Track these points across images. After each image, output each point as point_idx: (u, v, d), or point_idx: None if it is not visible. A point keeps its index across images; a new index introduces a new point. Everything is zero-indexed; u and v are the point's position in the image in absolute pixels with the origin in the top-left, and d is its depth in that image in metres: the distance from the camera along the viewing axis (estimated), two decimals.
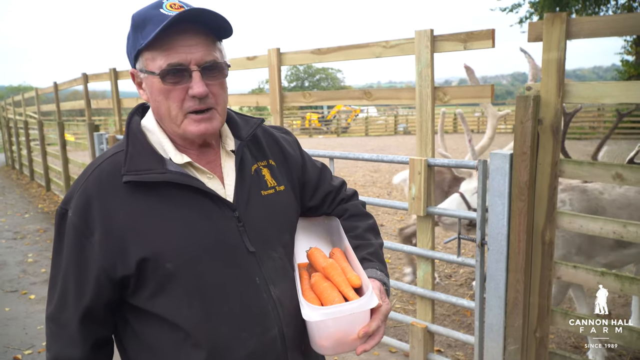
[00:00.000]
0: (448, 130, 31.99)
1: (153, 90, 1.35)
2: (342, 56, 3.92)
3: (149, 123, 1.44)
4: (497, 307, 3.14)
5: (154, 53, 1.30)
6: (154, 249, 1.30)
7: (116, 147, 1.41)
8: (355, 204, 1.75)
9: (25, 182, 15.28)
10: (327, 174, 1.75)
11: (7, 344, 4.70)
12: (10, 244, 8.18)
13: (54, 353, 1.39)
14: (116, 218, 1.30)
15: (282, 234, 1.51)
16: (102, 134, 7.36)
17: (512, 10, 19.70)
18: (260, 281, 1.40)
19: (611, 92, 2.69)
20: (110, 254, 1.30)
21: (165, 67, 1.29)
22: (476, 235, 3.19)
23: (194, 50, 1.30)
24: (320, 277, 1.46)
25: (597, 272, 2.89)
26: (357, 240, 1.63)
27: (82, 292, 1.33)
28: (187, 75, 1.31)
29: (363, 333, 1.32)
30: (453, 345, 4.46)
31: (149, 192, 1.32)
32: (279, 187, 1.54)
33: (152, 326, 1.36)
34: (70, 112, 32.85)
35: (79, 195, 1.33)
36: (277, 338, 1.40)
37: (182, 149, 1.41)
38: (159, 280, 1.31)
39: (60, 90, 11.31)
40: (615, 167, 2.73)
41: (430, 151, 3.45)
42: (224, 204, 1.39)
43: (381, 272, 1.54)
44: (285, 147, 1.64)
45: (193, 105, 1.33)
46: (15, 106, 18.39)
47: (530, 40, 2.90)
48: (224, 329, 1.35)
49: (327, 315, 1.30)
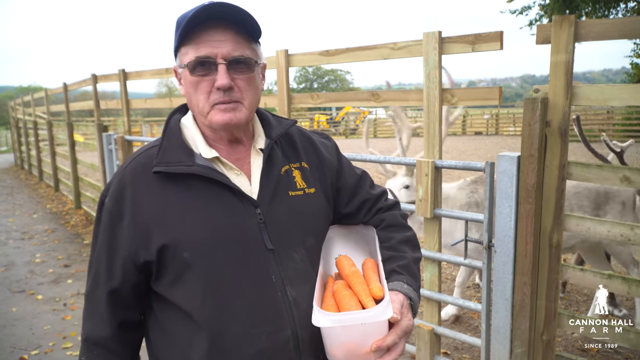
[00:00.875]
0: (457, 132, 31.93)
1: (186, 83, 1.42)
2: (350, 58, 3.92)
3: (187, 120, 1.51)
4: (504, 310, 3.13)
5: (187, 48, 1.38)
6: (173, 237, 1.35)
7: (153, 142, 1.50)
8: (394, 214, 1.71)
9: (34, 182, 15.38)
10: (366, 182, 1.73)
11: (13, 344, 4.73)
12: (18, 244, 8.23)
13: (87, 330, 1.48)
14: (144, 206, 1.37)
15: (306, 236, 1.51)
16: (111, 135, 7.40)
17: (522, 12, 19.61)
18: (277, 280, 1.40)
19: (619, 95, 2.68)
20: (136, 239, 1.37)
21: (194, 59, 1.36)
22: (483, 238, 3.18)
23: (222, 45, 1.35)
24: (342, 284, 1.43)
25: (604, 275, 2.88)
26: (389, 251, 1.59)
27: (111, 273, 1.41)
28: (214, 68, 1.36)
29: (375, 347, 1.27)
30: (460, 347, 4.44)
31: (176, 184, 1.39)
32: (308, 190, 1.55)
33: (170, 314, 1.42)
34: (79, 113, 33.00)
35: (115, 183, 1.42)
36: (290, 340, 1.39)
37: (213, 144, 1.47)
38: (177, 269, 1.36)
39: (70, 91, 11.38)
40: (623, 169, 2.72)
41: (437, 153, 3.44)
42: (247, 200, 1.41)
43: (408, 286, 1.47)
44: (321, 151, 1.65)
45: (218, 97, 1.37)
46: (24, 106, 18.51)
47: (539, 43, 2.89)
48: (234, 323, 1.36)
49: (336, 322, 1.25)
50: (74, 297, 5.85)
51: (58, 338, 4.81)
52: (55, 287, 6.23)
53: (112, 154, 7.40)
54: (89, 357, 1.48)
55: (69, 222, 9.66)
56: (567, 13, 16.30)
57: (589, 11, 17.04)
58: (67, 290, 6.07)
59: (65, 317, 5.28)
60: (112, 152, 7.37)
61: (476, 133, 31.76)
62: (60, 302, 5.71)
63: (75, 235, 8.73)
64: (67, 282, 6.38)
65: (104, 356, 1.46)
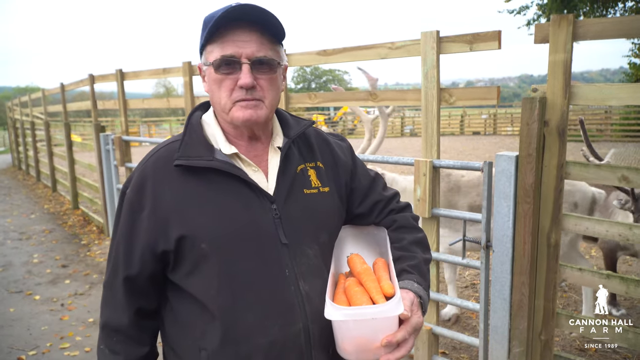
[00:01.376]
0: (454, 132, 31.96)
1: (210, 80, 1.47)
2: (347, 57, 3.91)
3: (208, 117, 1.57)
4: (502, 310, 3.12)
5: (213, 46, 1.43)
6: (192, 228, 1.40)
7: (175, 137, 1.55)
8: (405, 216, 1.74)
9: (31, 182, 15.35)
10: (379, 184, 1.77)
11: (11, 344, 4.71)
12: (15, 244, 8.21)
13: (106, 317, 1.53)
14: (164, 197, 1.42)
15: (319, 233, 1.55)
16: (109, 135, 7.38)
17: (520, 12, 19.60)
18: (290, 274, 1.44)
19: (618, 94, 2.68)
20: (155, 229, 1.42)
21: (219, 58, 1.41)
22: (481, 238, 3.17)
23: (246, 45, 1.40)
24: (354, 281, 1.46)
25: (603, 275, 2.87)
26: (400, 251, 1.62)
27: (129, 262, 1.46)
28: (238, 67, 1.41)
29: (386, 342, 1.29)
30: (458, 347, 4.44)
31: (196, 177, 1.44)
32: (322, 188, 1.59)
33: (186, 304, 1.46)
34: (77, 113, 32.95)
35: (137, 175, 1.48)
36: (301, 333, 1.42)
37: (233, 140, 1.52)
38: (194, 260, 1.41)
39: (67, 91, 11.37)
40: (621, 169, 2.71)
41: (435, 152, 3.43)
42: (264, 195, 1.46)
43: (418, 285, 1.50)
44: (336, 152, 1.70)
45: (240, 95, 1.42)
46: (22, 107, 18.50)
47: (537, 42, 2.88)
48: (247, 314, 1.40)
49: (348, 316, 1.28)
50: (71, 298, 5.83)
51: (55, 338, 4.80)
52: (52, 287, 6.21)
53: (109, 154, 7.39)
54: (108, 344, 1.52)
55: (66, 223, 9.65)
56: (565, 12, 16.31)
57: (587, 11, 17.06)
58: (65, 291, 6.06)
59: (63, 318, 5.27)
60: (110, 152, 7.36)
61: (474, 133, 31.78)
62: (57, 303, 5.70)
63: (72, 235, 8.71)
64: (65, 282, 6.36)
65: (123, 342, 1.51)
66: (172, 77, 6.50)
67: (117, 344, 1.51)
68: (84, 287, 6.15)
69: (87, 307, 5.54)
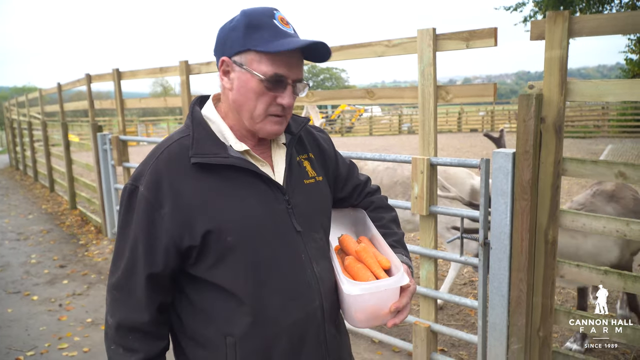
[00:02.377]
0: (452, 130, 31.97)
1: (247, 86, 1.48)
2: (344, 55, 3.91)
3: (210, 113, 1.61)
4: (500, 307, 3.13)
5: (264, 58, 1.45)
6: (217, 223, 1.46)
7: (181, 133, 1.57)
8: (380, 197, 1.97)
9: (29, 183, 15.32)
10: (355, 170, 1.94)
11: (9, 345, 4.71)
12: (13, 245, 8.20)
13: (118, 319, 1.53)
14: (185, 194, 1.47)
15: (322, 218, 1.71)
16: (106, 135, 7.37)
17: (517, 9, 19.64)
18: (305, 258, 1.58)
19: (614, 90, 2.68)
20: (179, 226, 1.46)
21: (271, 74, 1.45)
22: (479, 235, 3.18)
23: (294, 68, 1.49)
24: (353, 259, 1.65)
25: (600, 271, 2.88)
26: (383, 229, 1.83)
27: (151, 260, 1.49)
28: (282, 87, 1.49)
29: (395, 308, 1.50)
30: (456, 344, 4.44)
31: (213, 174, 1.50)
32: (318, 177, 1.73)
33: (209, 294, 1.53)
34: (74, 113, 32.92)
35: (150, 173, 1.49)
36: (317, 310, 1.57)
37: (242, 139, 1.59)
38: (220, 252, 1.48)
39: (64, 91, 11.34)
40: (618, 165, 2.72)
41: (432, 150, 3.43)
42: (277, 188, 1.57)
43: (406, 257, 1.75)
44: (321, 143, 1.83)
45: (276, 110, 1.51)
46: (19, 107, 18.45)
47: (533, 39, 2.88)
48: (273, 298, 1.51)
49: (366, 290, 1.48)
50: (69, 298, 5.83)
51: (54, 339, 4.79)
52: (50, 287, 6.20)
53: (107, 154, 7.38)
54: (123, 343, 1.53)
55: (64, 223, 9.63)
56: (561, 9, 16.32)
57: (583, 7, 17.08)
58: (63, 291, 6.05)
59: (61, 318, 5.26)
60: (107, 152, 7.35)
61: (471, 130, 31.78)
62: (55, 303, 5.69)
63: (70, 235, 8.70)
64: (63, 282, 6.35)
65: (141, 339, 1.54)
66: (169, 76, 6.50)
67: (134, 342, 1.53)
68: (82, 288, 6.14)
69: (85, 308, 5.53)
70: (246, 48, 1.46)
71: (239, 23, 1.48)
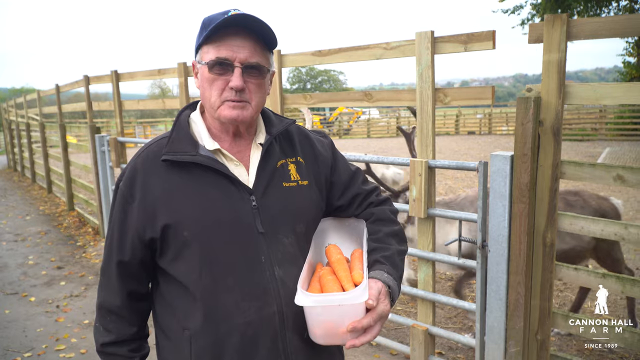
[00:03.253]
0: (450, 132, 31.99)
1: (202, 78, 1.57)
2: (342, 58, 3.91)
3: (195, 116, 1.69)
4: (498, 310, 3.13)
5: (209, 47, 1.53)
6: (175, 217, 1.52)
7: (164, 134, 1.67)
8: (383, 209, 1.84)
9: (26, 184, 15.29)
10: (359, 178, 1.87)
11: (6, 346, 4.69)
12: (11, 246, 8.18)
13: (101, 299, 1.68)
14: (152, 189, 1.55)
15: (296, 223, 1.66)
16: (104, 136, 7.36)
17: (514, 12, 19.70)
18: (266, 260, 1.56)
19: (612, 93, 2.68)
20: (144, 218, 1.55)
21: (214, 59, 1.51)
22: (477, 237, 3.18)
23: (240, 50, 1.52)
24: (328, 270, 1.57)
25: (599, 274, 2.88)
26: (376, 243, 1.72)
27: (121, 248, 1.60)
28: (230, 70, 1.52)
29: (351, 327, 1.39)
30: (454, 347, 4.44)
31: (182, 171, 1.56)
32: (302, 182, 1.70)
33: (172, 287, 1.60)
34: (72, 114, 32.88)
35: (129, 169, 1.61)
36: (275, 315, 1.54)
37: (218, 136, 1.63)
38: (178, 246, 1.54)
39: (62, 93, 11.33)
40: (616, 168, 2.72)
41: (430, 153, 3.43)
42: (243, 188, 1.58)
43: (388, 275, 1.58)
44: (317, 147, 1.80)
45: (230, 95, 1.53)
46: (17, 108, 18.42)
47: (531, 42, 2.89)
48: (226, 296, 1.52)
49: (316, 302, 1.38)
50: (67, 299, 5.81)
51: (51, 340, 4.78)
52: (48, 289, 6.19)
53: (104, 155, 7.37)
54: (102, 322, 1.68)
55: (62, 224, 9.62)
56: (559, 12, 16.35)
57: (580, 10, 17.12)
58: (60, 292, 6.04)
59: (58, 319, 5.25)
60: (105, 153, 7.34)
61: (469, 133, 31.81)
62: (53, 304, 5.68)
63: (68, 237, 8.68)
64: (60, 284, 6.34)
65: (116, 321, 1.67)
66: (167, 78, 6.49)
67: (110, 323, 1.67)
68: (79, 289, 6.13)
69: (83, 309, 5.52)
70: (198, 45, 1.58)
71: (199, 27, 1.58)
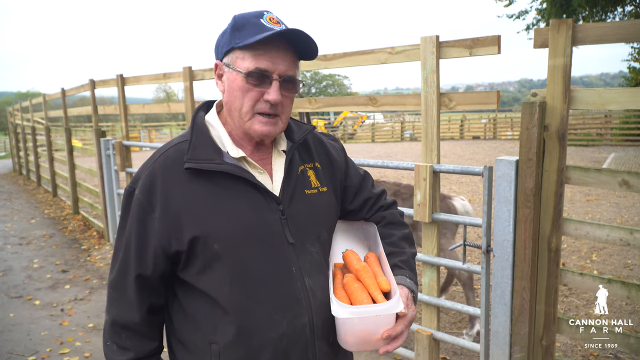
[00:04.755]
0: (454, 137, 31.95)
1: (234, 85, 1.49)
2: (347, 62, 3.92)
3: (212, 119, 1.61)
4: (503, 315, 3.12)
5: (246, 54, 1.46)
6: (204, 229, 1.45)
7: (181, 137, 1.58)
8: (393, 212, 1.85)
9: (32, 187, 15.34)
10: (369, 182, 1.86)
11: (11, 349, 4.70)
12: (16, 249, 8.20)
13: (113, 316, 1.56)
14: (175, 199, 1.46)
15: (320, 231, 1.64)
16: (109, 140, 7.39)
17: (519, 17, 19.69)
18: (296, 271, 1.52)
19: (617, 99, 2.68)
20: (168, 230, 1.46)
21: (253, 69, 1.44)
22: (482, 242, 3.17)
23: (280, 62, 1.46)
24: (352, 278, 1.56)
25: (604, 279, 2.87)
26: (391, 247, 1.73)
27: (141, 261, 1.50)
28: (268, 82, 1.46)
29: (387, 335, 1.41)
30: (459, 352, 4.42)
31: (206, 179, 1.48)
32: (322, 188, 1.67)
33: (197, 300, 1.51)
34: (77, 118, 33.00)
35: (145, 176, 1.50)
36: (306, 325, 1.51)
37: (239, 144, 1.57)
38: (207, 259, 1.46)
39: (68, 96, 11.37)
40: (621, 173, 2.71)
41: (435, 157, 3.43)
42: (271, 197, 1.53)
43: (410, 280, 1.63)
44: (331, 153, 1.78)
45: (264, 108, 1.48)
46: (23, 112, 18.51)
47: (536, 47, 2.89)
48: (258, 310, 1.47)
49: (354, 314, 1.40)
50: (71, 303, 5.82)
51: (55, 344, 4.79)
52: (52, 292, 6.20)
53: (109, 159, 7.39)
54: (116, 340, 1.56)
55: (66, 228, 9.64)
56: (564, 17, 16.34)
57: (586, 15, 17.10)
58: (65, 296, 6.05)
59: (63, 323, 5.26)
60: (110, 157, 7.37)
61: (474, 137, 31.76)
62: (57, 308, 5.69)
63: (73, 240, 8.70)
64: (65, 287, 6.35)
65: (132, 338, 1.55)
66: (173, 82, 6.51)
67: (126, 340, 1.55)
68: (84, 293, 6.13)
69: (87, 313, 5.52)
70: (230, 47, 1.48)
71: (228, 27, 1.51)
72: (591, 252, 7.01)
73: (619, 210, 9.56)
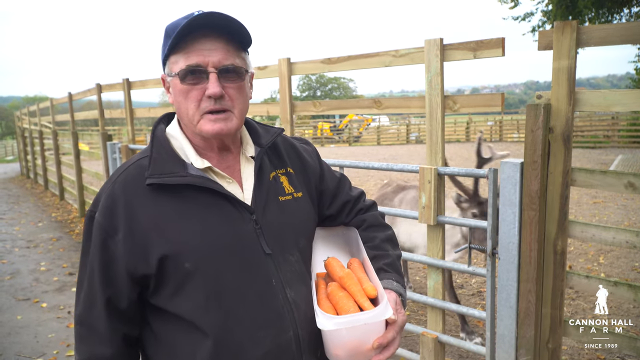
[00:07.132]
0: (460, 139, 31.90)
1: (175, 91, 1.42)
2: (351, 65, 3.92)
3: (173, 130, 1.51)
4: (509, 318, 3.11)
5: (177, 56, 1.39)
6: (174, 247, 1.34)
7: (142, 153, 1.48)
8: (374, 214, 1.77)
9: (39, 191, 15.42)
10: (346, 184, 1.78)
11: (18, 351, 4.72)
12: (23, 252, 8.24)
13: (85, 354, 1.42)
14: (140, 218, 1.35)
15: (298, 239, 1.54)
16: (115, 144, 7.41)
17: (525, 19, 19.64)
18: (277, 283, 1.42)
19: (622, 100, 2.67)
20: (133, 252, 1.35)
21: (184, 68, 1.37)
22: (487, 245, 3.16)
23: (212, 53, 1.37)
24: (337, 286, 1.47)
25: (610, 282, 2.86)
26: (374, 250, 1.65)
27: (108, 290, 1.38)
28: (205, 77, 1.37)
29: (377, 344, 1.33)
30: (464, 355, 4.41)
31: (171, 195, 1.38)
32: (296, 194, 1.58)
33: (172, 326, 1.40)
34: (84, 122, 33.13)
35: (105, 197, 1.39)
36: (292, 340, 1.41)
37: (203, 153, 1.47)
38: (179, 280, 1.36)
39: (75, 101, 11.44)
40: (627, 175, 2.70)
41: (440, 160, 3.43)
42: (243, 207, 1.43)
43: (397, 283, 1.55)
44: (304, 157, 1.69)
45: (209, 105, 1.38)
46: (30, 116, 18.63)
47: (541, 49, 2.88)
48: (240, 329, 1.37)
49: (341, 324, 1.31)
50: None
51: (62, 346, 4.81)
52: (59, 295, 6.23)
53: (116, 162, 7.42)
54: None
55: (73, 231, 9.68)
56: (570, 19, 16.29)
57: (592, 16, 17.03)
58: (72, 299, 6.07)
59: (70, 325, 5.28)
60: (117, 160, 7.39)
61: None
62: (64, 310, 5.71)
63: (79, 243, 8.73)
64: (72, 290, 6.37)
65: None
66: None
67: None
68: None
69: None
70: (164, 55, 1.43)
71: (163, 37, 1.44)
72: (598, 255, 6.98)
73: (627, 212, 9.53)
